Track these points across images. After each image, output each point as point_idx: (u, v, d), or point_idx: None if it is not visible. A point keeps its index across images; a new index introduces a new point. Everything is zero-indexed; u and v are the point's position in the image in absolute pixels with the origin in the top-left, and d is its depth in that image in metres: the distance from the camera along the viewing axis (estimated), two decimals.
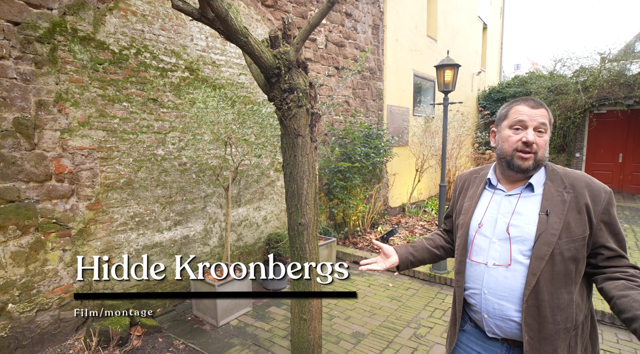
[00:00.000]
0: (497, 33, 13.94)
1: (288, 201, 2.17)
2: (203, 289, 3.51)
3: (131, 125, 3.45)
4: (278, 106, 1.99)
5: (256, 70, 2.07)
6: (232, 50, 4.36)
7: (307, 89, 1.98)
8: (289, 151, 2.08)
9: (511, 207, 1.33)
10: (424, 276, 4.58)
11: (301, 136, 2.03)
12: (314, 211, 2.17)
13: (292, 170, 2.09)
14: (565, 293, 1.22)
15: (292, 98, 1.94)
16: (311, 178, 2.12)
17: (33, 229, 2.88)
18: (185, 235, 3.91)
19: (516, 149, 1.31)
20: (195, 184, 3.98)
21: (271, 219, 4.93)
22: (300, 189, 2.10)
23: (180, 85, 3.82)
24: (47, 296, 2.96)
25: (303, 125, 2.02)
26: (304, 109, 1.99)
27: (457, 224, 1.49)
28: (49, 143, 2.95)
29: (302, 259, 2.20)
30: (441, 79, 4.27)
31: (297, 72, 1.96)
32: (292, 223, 2.18)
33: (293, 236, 2.20)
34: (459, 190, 1.58)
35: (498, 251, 1.32)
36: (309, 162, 2.08)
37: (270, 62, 1.83)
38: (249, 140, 3.11)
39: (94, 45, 3.18)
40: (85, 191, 3.16)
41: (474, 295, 1.38)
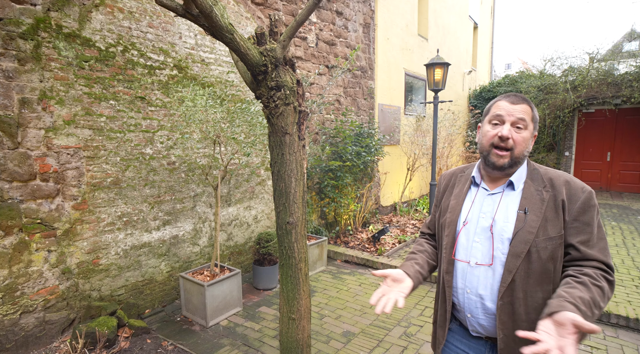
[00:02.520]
0: (488, 32, 14.05)
1: (276, 200, 2.15)
2: (192, 290, 3.47)
3: (118, 123, 3.39)
4: (265, 103, 1.97)
5: (243, 68, 2.05)
6: (221, 48, 4.32)
7: (295, 86, 1.97)
8: (276, 149, 2.06)
9: (494, 206, 1.33)
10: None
11: (289, 134, 2.02)
12: (302, 209, 2.16)
13: (279, 168, 2.08)
14: (540, 292, 1.21)
15: (279, 96, 1.93)
16: (299, 176, 2.10)
17: (17, 230, 2.83)
18: (174, 235, 3.87)
19: (492, 144, 1.31)
20: (184, 184, 3.94)
21: (262, 218, 4.90)
22: (288, 187, 2.09)
23: (168, 83, 3.78)
24: (32, 297, 2.90)
25: (290, 123, 2.00)
26: (292, 106, 1.98)
27: (442, 222, 1.48)
28: (33, 142, 2.89)
29: (290, 258, 2.19)
30: (431, 77, 4.28)
31: (284, 69, 1.94)
32: (280, 222, 2.16)
33: (281, 235, 2.18)
34: (444, 189, 1.58)
35: (480, 250, 1.31)
36: (296, 160, 2.07)
37: (257, 60, 1.81)
38: (237, 139, 3.08)
39: (80, 42, 3.12)
40: (71, 190, 3.10)
41: (456, 294, 1.38)
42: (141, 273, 3.60)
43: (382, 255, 5.16)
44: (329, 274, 4.76)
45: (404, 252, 5.48)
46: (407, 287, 1.32)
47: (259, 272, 4.16)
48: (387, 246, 5.54)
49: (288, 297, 2.24)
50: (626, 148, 10.00)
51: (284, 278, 2.23)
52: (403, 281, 1.33)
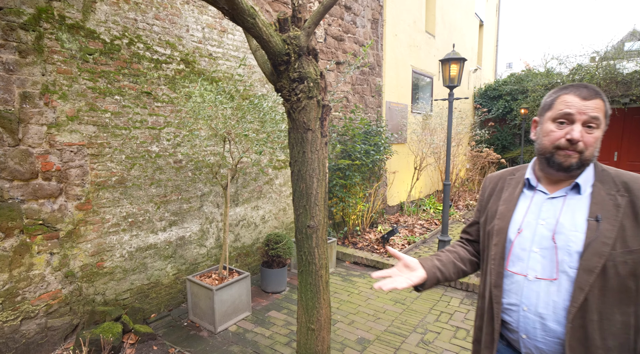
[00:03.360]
0: (493, 30, 13.90)
1: (295, 202, 2.01)
2: (200, 294, 3.33)
3: (123, 120, 3.25)
4: (286, 97, 1.82)
5: (262, 58, 1.91)
6: (229, 42, 4.17)
7: (318, 78, 1.82)
8: (297, 147, 1.92)
9: (555, 211, 1.18)
10: None
11: (311, 130, 1.87)
12: (324, 212, 2.02)
13: (300, 168, 1.93)
14: (618, 314, 1.06)
15: (302, 88, 1.78)
16: (321, 177, 1.96)
17: (17, 231, 2.68)
18: (180, 236, 3.72)
19: (558, 146, 1.15)
20: (191, 183, 3.79)
21: (269, 218, 4.76)
22: (309, 188, 1.94)
23: (175, 78, 3.63)
24: (33, 303, 2.76)
25: (313, 118, 1.86)
26: (315, 100, 1.84)
27: (490, 230, 1.34)
28: (35, 138, 2.74)
29: (310, 265, 2.05)
30: (446, 73, 4.14)
31: (307, 59, 1.80)
32: (300, 226, 2.02)
33: (300, 240, 2.04)
34: (489, 193, 1.43)
35: (539, 261, 1.17)
36: (319, 159, 1.93)
37: (279, 48, 1.66)
38: (250, 136, 2.94)
39: (84, 34, 2.97)
40: (75, 190, 2.96)
41: (509, 312, 1.23)
42: (147, 275, 3.45)
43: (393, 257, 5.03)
44: (338, 276, 4.62)
45: (414, 253, 5.34)
46: (417, 276, 1.28)
47: (268, 274, 4.02)
48: (397, 247, 5.40)
49: (307, 306, 2.10)
50: (634, 148, 9.87)
51: (303, 285, 2.09)
52: (415, 270, 1.30)
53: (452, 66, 4.10)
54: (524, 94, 10.95)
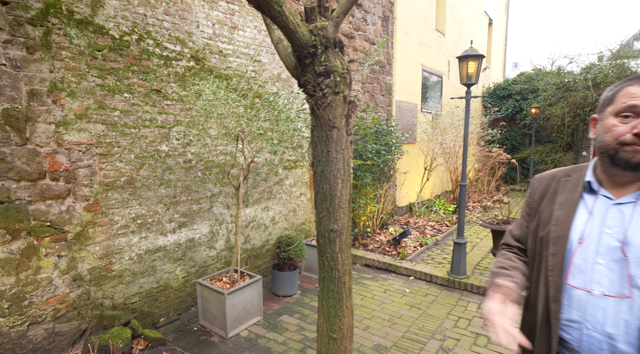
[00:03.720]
0: (502, 29, 13.73)
1: (318, 204, 1.89)
2: (211, 298, 3.23)
3: (133, 118, 3.15)
4: (310, 92, 1.71)
5: (285, 50, 1.79)
6: (239, 39, 4.07)
7: (345, 73, 1.71)
8: (321, 146, 1.80)
9: (623, 219, 1.06)
10: (442, 281, 4.33)
11: (336, 128, 1.76)
12: (348, 215, 1.90)
13: (324, 168, 1.82)
14: None
15: (328, 83, 1.67)
16: (346, 177, 1.85)
17: (25, 233, 2.59)
18: (190, 238, 3.62)
19: (622, 142, 1.03)
20: (201, 183, 3.69)
21: (279, 220, 4.65)
22: (333, 190, 1.83)
23: (185, 75, 3.53)
24: (41, 307, 2.67)
25: (339, 115, 1.74)
26: (341, 96, 1.72)
27: (544, 237, 1.21)
28: (43, 137, 2.65)
29: (333, 271, 1.93)
30: (464, 71, 4.01)
31: (333, 52, 1.68)
32: (323, 229, 1.90)
33: (323, 245, 1.92)
34: (540, 195, 1.30)
35: (606, 275, 1.05)
36: (344, 158, 1.81)
37: (306, 39, 1.55)
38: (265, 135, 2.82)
39: (92, 29, 2.88)
40: (83, 190, 2.86)
41: (569, 329, 1.11)
42: (156, 278, 3.35)
43: (405, 259, 4.90)
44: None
45: (427, 256, 5.21)
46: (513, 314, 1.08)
47: (279, 277, 3.91)
48: (409, 250, 5.27)
49: (329, 314, 1.98)
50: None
51: (325, 292, 1.98)
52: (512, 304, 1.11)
53: (470, 63, 3.98)
54: (534, 94, 10.78)
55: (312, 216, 5.15)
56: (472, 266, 4.76)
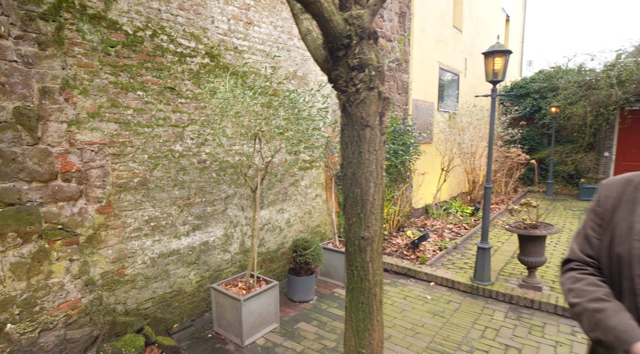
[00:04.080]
0: (519, 26, 13.38)
1: (348, 209, 1.74)
2: (226, 304, 3.10)
3: (146, 117, 3.04)
4: (342, 88, 1.56)
5: (314, 42, 1.64)
6: (255, 35, 3.93)
7: (381, 66, 1.55)
8: (352, 146, 1.65)
9: None
10: (465, 287, 4.14)
11: (370, 127, 1.60)
12: (381, 221, 1.74)
13: (355, 170, 1.66)
14: None
15: (362, 78, 1.51)
16: (379, 181, 1.69)
17: (36, 237, 2.49)
18: (204, 241, 3.50)
19: None
20: (215, 184, 3.57)
21: (295, 222, 4.51)
22: (365, 194, 1.67)
23: (200, 72, 3.41)
24: (52, 313, 2.57)
25: (373, 113, 1.59)
26: (376, 92, 1.56)
27: (623, 254, 1.04)
28: (55, 137, 2.55)
29: (363, 282, 1.77)
30: (490, 67, 3.81)
31: (368, 44, 1.53)
32: (352, 236, 1.75)
33: (352, 253, 1.77)
34: (613, 204, 1.12)
35: None
36: (377, 160, 1.65)
37: (340, 29, 1.40)
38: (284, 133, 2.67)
39: (105, 24, 2.77)
40: (95, 192, 2.76)
41: None
42: (169, 283, 3.24)
43: (425, 264, 4.71)
44: None
45: (447, 260, 5.01)
46: None
47: (295, 282, 3.77)
48: (428, 254, 5.08)
49: (357, 328, 1.83)
50: None
51: (354, 304, 1.82)
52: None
53: (497, 59, 3.77)
54: (554, 92, 10.45)
55: (328, 218, 5.00)
56: (495, 272, 4.55)
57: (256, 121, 2.70)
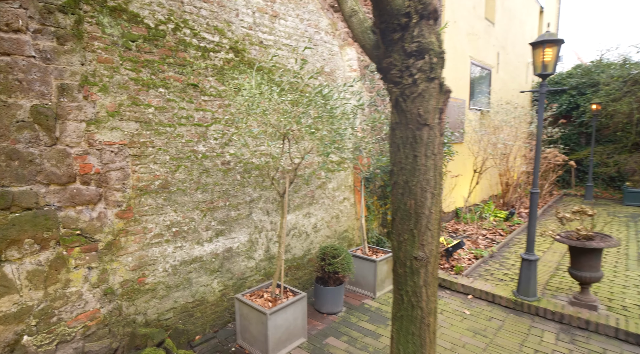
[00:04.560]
0: (554, 17, 12.64)
1: (398, 224, 1.47)
2: (251, 316, 2.89)
3: (168, 116, 2.86)
4: (395, 78, 1.29)
5: (360, 25, 1.39)
6: (281, 29, 3.71)
7: (443, 53, 1.28)
8: (404, 149, 1.38)
9: None
10: (507, 302, 3.78)
11: (428, 126, 1.33)
12: (438, 239, 1.47)
13: (408, 178, 1.40)
14: None
15: (421, 66, 1.25)
16: (437, 191, 1.42)
17: (53, 243, 2.35)
18: (227, 247, 3.31)
19: None
20: (239, 187, 3.37)
21: (321, 227, 4.27)
22: (420, 206, 1.40)
23: (224, 68, 3.21)
24: (70, 324, 2.42)
25: (432, 109, 1.31)
26: (436, 83, 1.29)
27: None
28: (73, 137, 2.40)
29: (414, 309, 1.50)
30: (539, 59, 3.44)
31: (427, 25, 1.25)
32: (403, 256, 1.48)
33: (402, 275, 1.50)
34: None
35: None
36: (435, 166, 1.38)
37: (398, 4, 1.14)
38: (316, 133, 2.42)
39: (126, 17, 2.60)
40: (115, 195, 2.60)
41: None
42: (191, 292, 3.06)
43: (460, 274, 4.37)
44: None
45: (484, 270, 4.65)
46: None
47: (323, 293, 3.52)
48: (463, 263, 4.73)
49: None
50: None
51: (402, 335, 1.55)
52: None
53: (547, 50, 3.40)
54: (594, 88, 9.77)
55: (356, 223, 4.73)
56: (540, 286, 4.16)
57: (286, 120, 2.46)
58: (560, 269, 4.69)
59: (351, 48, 4.53)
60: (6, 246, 2.16)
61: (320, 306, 3.57)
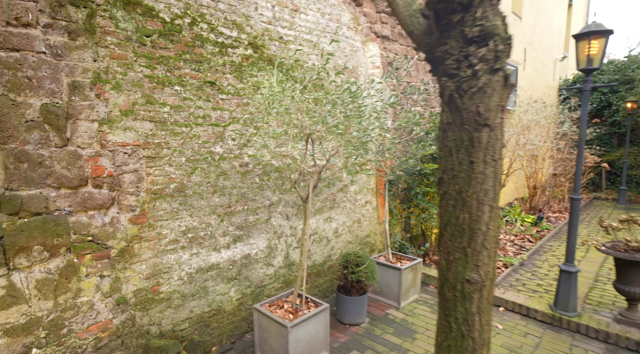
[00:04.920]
0: (582, 12, 12.07)
1: (447, 241, 1.26)
2: (270, 329, 2.71)
3: (184, 115, 2.71)
4: (451, 70, 1.08)
5: (407, 8, 1.18)
6: (301, 23, 3.52)
7: (509, 38, 1.05)
8: (458, 154, 1.17)
9: None
10: (544, 317, 3.49)
11: (488, 127, 1.11)
12: (494, 259, 1.24)
13: (462, 187, 1.18)
14: None
15: (484, 55, 1.03)
16: (495, 203, 1.19)
17: (64, 250, 2.22)
18: (245, 254, 3.14)
19: None
20: (258, 190, 3.20)
21: (343, 232, 4.06)
22: (476, 221, 1.18)
23: (242, 65, 3.04)
24: (81, 336, 2.29)
25: (495, 107, 1.10)
26: (501, 76, 1.07)
27: None
28: (85, 137, 2.26)
29: (465, 339, 1.28)
30: (584, 52, 3.14)
31: (491, 5, 1.04)
32: (452, 278, 1.27)
33: (451, 300, 1.29)
34: None
35: None
36: (495, 175, 1.16)
37: None
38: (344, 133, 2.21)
39: (141, 11, 2.46)
40: (128, 199, 2.46)
41: None
42: (207, 301, 2.91)
43: None
44: (425, 305, 3.80)
45: (515, 280, 4.35)
46: None
47: (345, 302, 3.32)
48: None
49: None
50: None
51: None
52: None
53: (593, 42, 3.10)
54: (628, 85, 9.22)
55: (378, 228, 4.50)
56: (579, 299, 3.84)
57: (311, 119, 2.27)
58: (600, 281, 4.35)
59: (374, 44, 4.31)
60: (14, 253, 2.04)
61: (342, 316, 3.37)
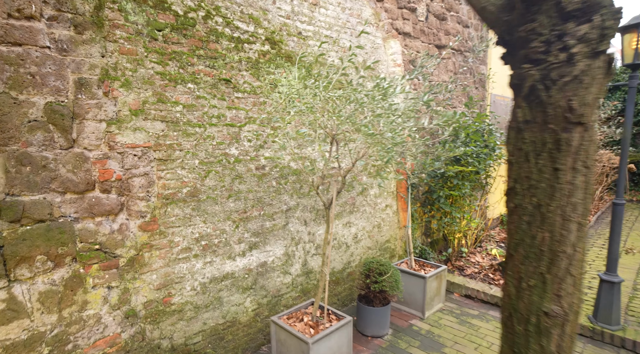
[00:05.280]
0: None
1: (518, 263, 1.04)
2: (289, 343, 2.51)
3: (197, 115, 2.53)
4: (537, 54, 0.87)
5: None
6: (321, 18, 3.32)
7: (619, 12, 0.83)
8: (537, 159, 0.95)
9: None
10: (582, 330, 3.22)
11: (582, 126, 0.90)
12: (580, 288, 1.02)
13: (542, 200, 0.96)
14: None
15: (585, 34, 0.81)
16: (584, 220, 0.97)
17: (69, 260, 2.05)
18: (262, 262, 2.95)
19: None
20: (275, 194, 3.01)
21: (362, 237, 3.85)
22: (559, 243, 0.96)
23: (259, 61, 2.86)
24: (87, 352, 2.13)
25: (592, 100, 0.87)
26: (603, 60, 0.85)
27: None
28: (92, 139, 2.10)
29: None
30: (630, 46, 2.88)
31: None
32: (525, 309, 1.05)
33: (522, 335, 1.07)
34: None
35: None
36: (586, 185, 0.94)
37: None
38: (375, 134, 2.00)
39: (152, 3, 2.29)
40: (138, 204, 2.28)
41: None
42: (222, 313, 2.72)
43: None
44: (450, 315, 3.56)
45: None
46: None
47: (368, 314, 3.11)
48: None
49: None
50: None
51: None
52: None
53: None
54: None
55: (398, 232, 4.27)
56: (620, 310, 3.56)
57: (339, 119, 2.06)
58: (639, 290, 4.05)
59: (395, 41, 4.09)
60: (16, 263, 1.88)
61: (364, 327, 3.16)
